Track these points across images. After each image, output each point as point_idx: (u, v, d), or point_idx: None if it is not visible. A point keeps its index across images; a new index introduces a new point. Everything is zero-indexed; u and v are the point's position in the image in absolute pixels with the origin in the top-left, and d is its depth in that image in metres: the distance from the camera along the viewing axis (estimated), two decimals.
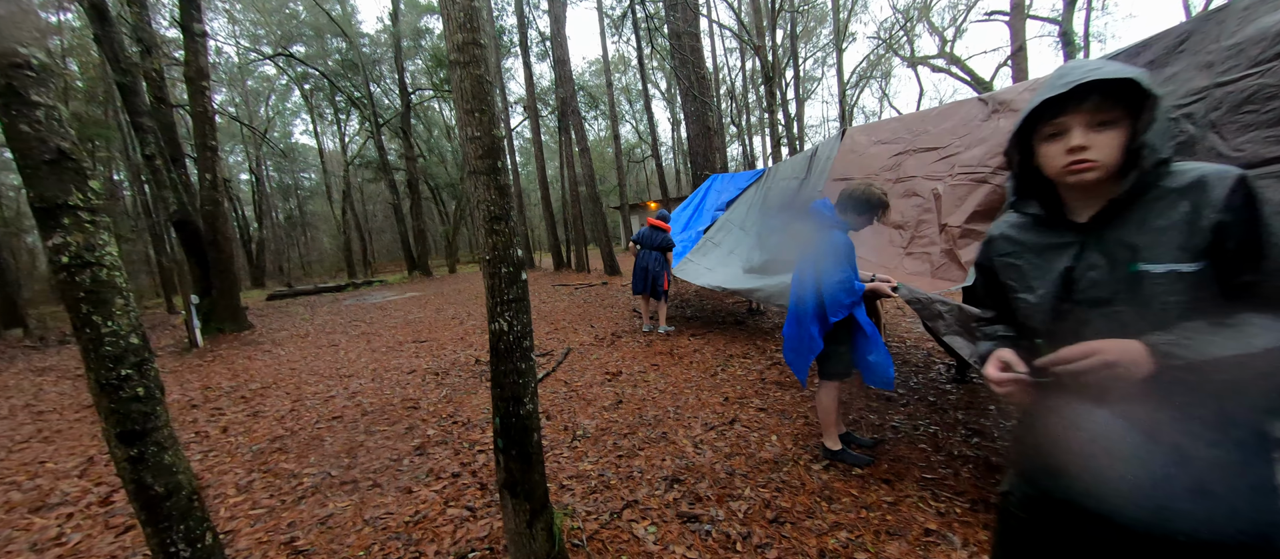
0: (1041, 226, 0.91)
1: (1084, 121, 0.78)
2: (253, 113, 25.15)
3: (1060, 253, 0.87)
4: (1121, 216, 0.81)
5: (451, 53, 1.50)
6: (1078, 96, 0.76)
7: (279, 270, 28.20)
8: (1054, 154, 0.81)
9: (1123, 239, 0.80)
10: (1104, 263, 0.81)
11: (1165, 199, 0.77)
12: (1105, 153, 0.77)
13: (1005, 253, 0.96)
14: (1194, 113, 1.89)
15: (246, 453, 3.10)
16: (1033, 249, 0.91)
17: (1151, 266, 0.76)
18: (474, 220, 1.56)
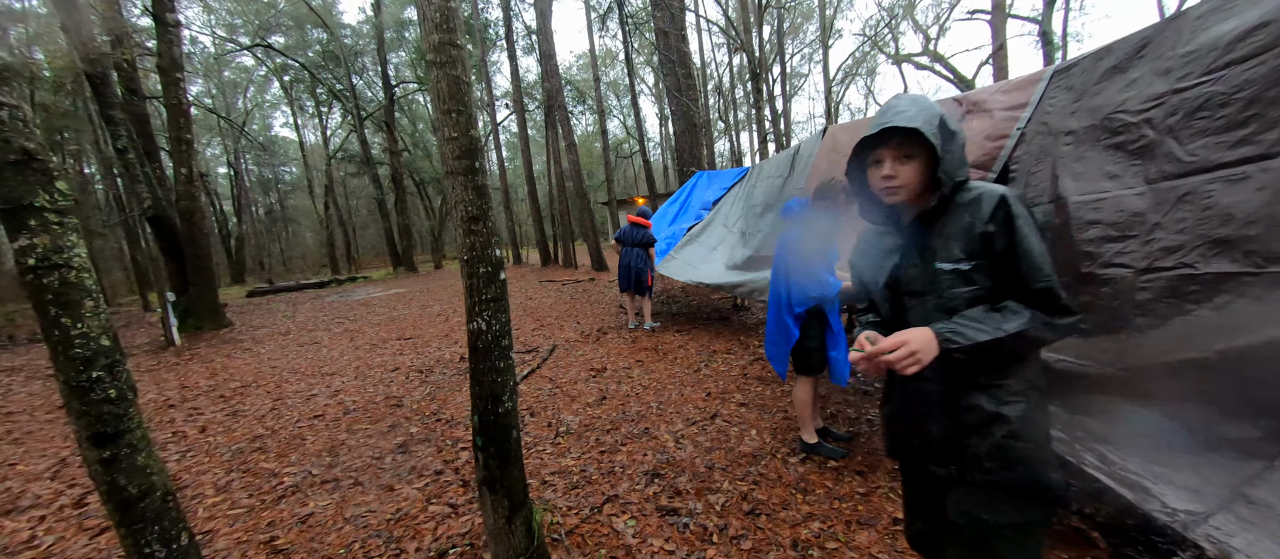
0: (884, 231, 1.15)
1: (892, 155, 1.01)
2: (230, 105, 24.52)
3: (892, 253, 1.11)
4: (930, 225, 1.04)
5: (429, 53, 1.51)
6: (886, 136, 0.99)
7: (259, 266, 27.63)
8: (873, 178, 1.05)
9: (928, 243, 1.03)
10: (918, 261, 1.05)
11: (956, 211, 1.00)
12: (908, 179, 1.00)
13: (863, 253, 1.21)
14: (1153, 118, 1.96)
15: (225, 453, 3.07)
16: (878, 250, 1.15)
17: (944, 264, 1.00)
18: (453, 219, 1.58)
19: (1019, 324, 0.90)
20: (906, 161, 0.99)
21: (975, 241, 0.96)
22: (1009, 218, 0.94)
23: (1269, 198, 1.56)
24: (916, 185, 1.01)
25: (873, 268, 1.15)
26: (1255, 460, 1.32)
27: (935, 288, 1.01)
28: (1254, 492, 1.28)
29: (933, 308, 1.02)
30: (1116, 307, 1.88)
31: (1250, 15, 1.75)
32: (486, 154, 27.14)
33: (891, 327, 1.10)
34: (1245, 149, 1.65)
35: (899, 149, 0.99)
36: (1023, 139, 2.58)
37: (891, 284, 1.10)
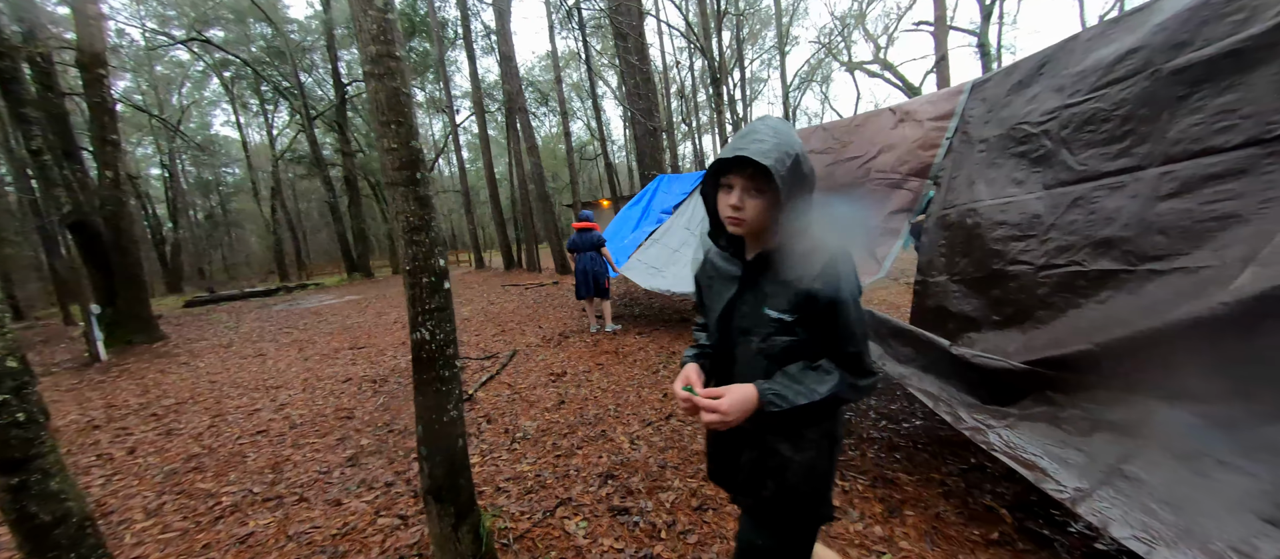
0: (728, 258, 1.10)
1: (743, 183, 0.95)
2: (163, 101, 22.90)
3: (731, 284, 1.07)
4: (765, 267, 1.01)
5: (366, 64, 1.50)
6: (742, 162, 0.92)
7: (199, 274, 25.93)
8: (722, 204, 0.99)
9: (762, 285, 1.01)
10: (752, 300, 1.02)
11: (791, 260, 0.98)
12: (753, 214, 0.95)
13: (707, 275, 1.15)
14: (1050, 129, 2.18)
15: (157, 474, 2.90)
16: (720, 277, 1.11)
17: (771, 311, 0.99)
18: (394, 230, 1.58)
19: (830, 387, 0.94)
20: (757, 195, 0.94)
21: (801, 296, 0.95)
22: (835, 280, 0.95)
23: (1141, 205, 1.77)
24: (760, 223, 0.97)
25: (712, 293, 1.12)
26: (1131, 439, 1.49)
27: (761, 330, 1.00)
28: (1129, 467, 1.45)
29: (755, 350, 1.02)
30: (1021, 301, 2.07)
31: (1126, 41, 1.98)
32: (448, 155, 26.47)
33: (719, 355, 1.11)
34: (1123, 160, 1.87)
35: (752, 180, 0.94)
36: (951, 149, 2.79)
37: (725, 315, 1.07)
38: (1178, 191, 1.67)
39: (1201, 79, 1.69)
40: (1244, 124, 1.56)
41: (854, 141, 3.84)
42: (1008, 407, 1.81)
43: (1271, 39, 1.54)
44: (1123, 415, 1.56)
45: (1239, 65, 1.61)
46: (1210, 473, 1.26)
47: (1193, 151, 1.67)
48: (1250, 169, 1.53)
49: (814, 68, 26.20)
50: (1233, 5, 1.66)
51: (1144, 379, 1.53)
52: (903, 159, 3.14)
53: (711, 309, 1.11)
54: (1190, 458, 1.31)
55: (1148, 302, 1.66)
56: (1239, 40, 1.61)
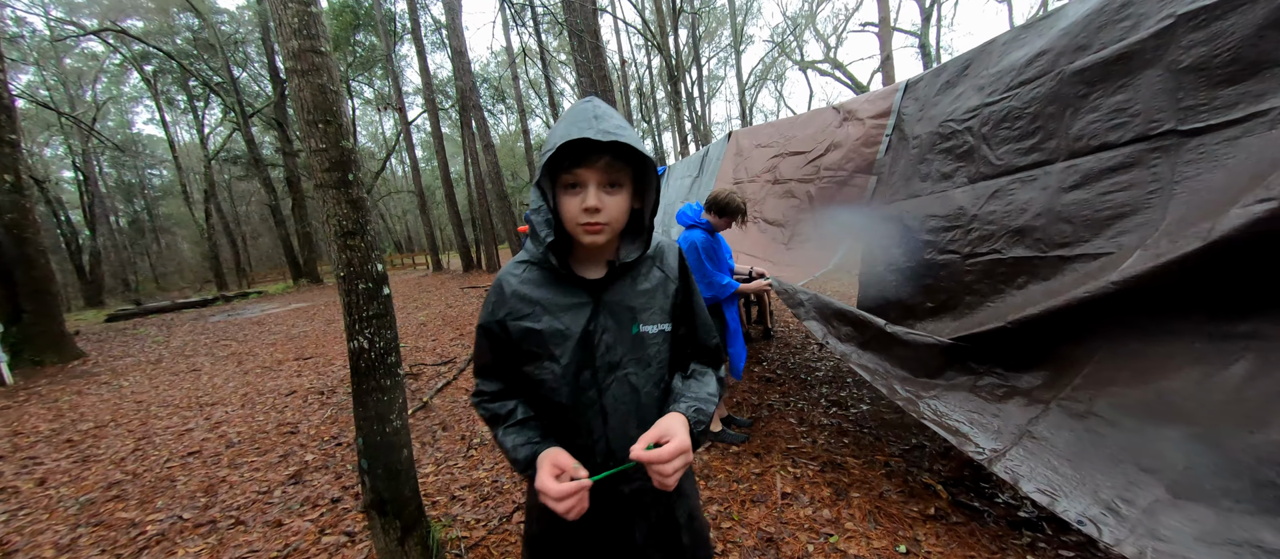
0: (557, 283, 0.82)
1: (598, 179, 0.74)
2: (75, 97, 20.87)
3: (577, 314, 0.81)
4: (622, 277, 0.83)
5: (288, 60, 1.43)
6: (599, 150, 0.72)
7: (124, 285, 23.86)
8: (572, 208, 0.75)
9: (624, 301, 0.82)
10: (614, 325, 0.81)
11: (646, 262, 0.85)
12: (614, 215, 0.76)
13: (522, 315, 0.81)
14: (972, 127, 2.33)
15: (71, 506, 2.65)
16: (551, 309, 0.81)
17: (648, 327, 0.82)
18: (326, 235, 1.51)
19: (714, 387, 0.85)
20: (613, 191, 0.75)
21: (670, 298, 0.84)
22: (686, 271, 0.87)
23: (1050, 196, 1.92)
24: (621, 225, 0.79)
25: (541, 336, 0.80)
26: (1037, 404, 1.63)
27: (640, 356, 0.81)
28: (1036, 429, 1.58)
29: (639, 381, 0.81)
30: (951, 288, 2.21)
31: (1036, 44, 2.13)
32: (400, 154, 25.42)
33: (567, 414, 0.81)
34: (1034, 155, 2.02)
35: (608, 172, 0.74)
36: (890, 145, 2.93)
37: (580, 356, 0.80)
38: (1080, 183, 1.83)
39: (1098, 80, 1.85)
40: (1133, 122, 1.72)
41: (800, 137, 3.97)
42: (935, 378, 1.93)
43: (1155, 42, 1.70)
44: (1029, 382, 1.71)
45: (1129, 67, 1.77)
46: (1098, 430, 1.39)
47: (1092, 147, 1.82)
48: (1139, 162, 1.68)
49: (768, 66, 26.87)
50: (1124, 12, 1.82)
51: (1047, 351, 1.68)
52: (848, 156, 3.27)
53: (548, 356, 0.80)
54: (1083, 418, 1.45)
55: (1056, 285, 1.81)
56: (1128, 44, 1.76)
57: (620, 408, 0.81)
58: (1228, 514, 1.11)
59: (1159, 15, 1.68)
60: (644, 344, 0.82)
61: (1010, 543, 1.71)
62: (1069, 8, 2.04)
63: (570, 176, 0.74)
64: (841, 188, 3.29)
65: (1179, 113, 1.61)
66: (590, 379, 0.81)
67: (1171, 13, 1.64)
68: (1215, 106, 1.52)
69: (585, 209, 0.74)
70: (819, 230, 3.30)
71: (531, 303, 0.82)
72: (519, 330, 0.82)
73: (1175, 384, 1.33)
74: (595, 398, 0.81)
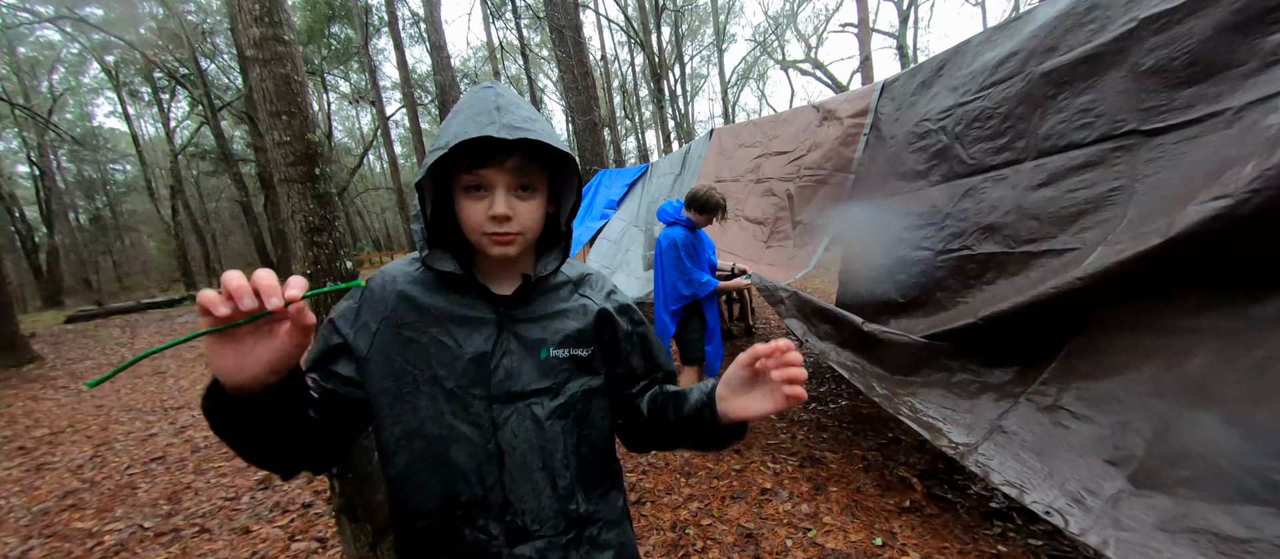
0: (453, 293, 0.68)
1: (507, 182, 0.63)
2: (29, 89, 19.85)
3: (474, 332, 0.67)
4: (532, 296, 0.71)
5: (249, 48, 1.37)
6: (506, 148, 0.61)
7: (85, 285, 22.84)
8: (477, 214, 0.63)
9: (537, 321, 0.70)
10: (519, 348, 0.68)
11: (566, 284, 0.75)
12: (528, 223, 0.65)
13: (403, 323, 0.66)
14: (946, 126, 2.37)
15: (23, 517, 2.52)
16: (442, 321, 0.66)
17: (558, 351, 0.69)
18: (290, 231, 1.45)
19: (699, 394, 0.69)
20: (526, 196, 0.65)
21: (591, 323, 0.72)
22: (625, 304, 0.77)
23: (1019, 194, 1.96)
24: (536, 234, 0.68)
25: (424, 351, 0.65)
26: (1008, 398, 1.67)
27: (550, 384, 0.68)
28: (1006, 423, 1.61)
29: (545, 414, 0.67)
30: (924, 284, 2.25)
31: (1007, 45, 2.18)
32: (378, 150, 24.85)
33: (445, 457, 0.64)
34: (1005, 154, 2.06)
35: (519, 174, 0.63)
36: (868, 144, 2.97)
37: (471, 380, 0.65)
38: (1047, 182, 1.87)
39: (1065, 81, 1.89)
40: (1098, 122, 1.77)
41: (781, 136, 4.00)
42: (911, 376, 1.96)
43: (1119, 45, 1.74)
44: (1000, 378, 1.75)
45: (1094, 69, 1.82)
46: (1065, 424, 1.43)
47: (1059, 146, 1.87)
48: (1103, 161, 1.73)
49: (750, 65, 27.07)
50: (1090, 14, 1.86)
51: (1015, 346, 1.72)
52: (827, 155, 3.30)
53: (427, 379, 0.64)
54: (1050, 411, 1.48)
55: (1022, 280, 1.85)
56: (1094, 47, 1.81)
57: (520, 447, 0.65)
58: (1186, 503, 1.15)
59: (1123, 18, 1.73)
60: (553, 371, 0.68)
61: (982, 533, 1.75)
62: (1039, 10, 2.09)
63: (472, 177, 0.62)
64: (821, 187, 3.32)
65: (1141, 113, 1.66)
66: (484, 412, 0.65)
67: (1135, 16, 1.69)
68: (1174, 107, 1.57)
69: (492, 217, 0.62)
70: (799, 229, 3.33)
71: (420, 310, 0.66)
72: (398, 340, 0.65)
73: (1136, 377, 1.37)
74: (489, 434, 0.65)
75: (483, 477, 0.65)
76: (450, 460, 0.64)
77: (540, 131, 0.61)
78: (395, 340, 0.65)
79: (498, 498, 0.65)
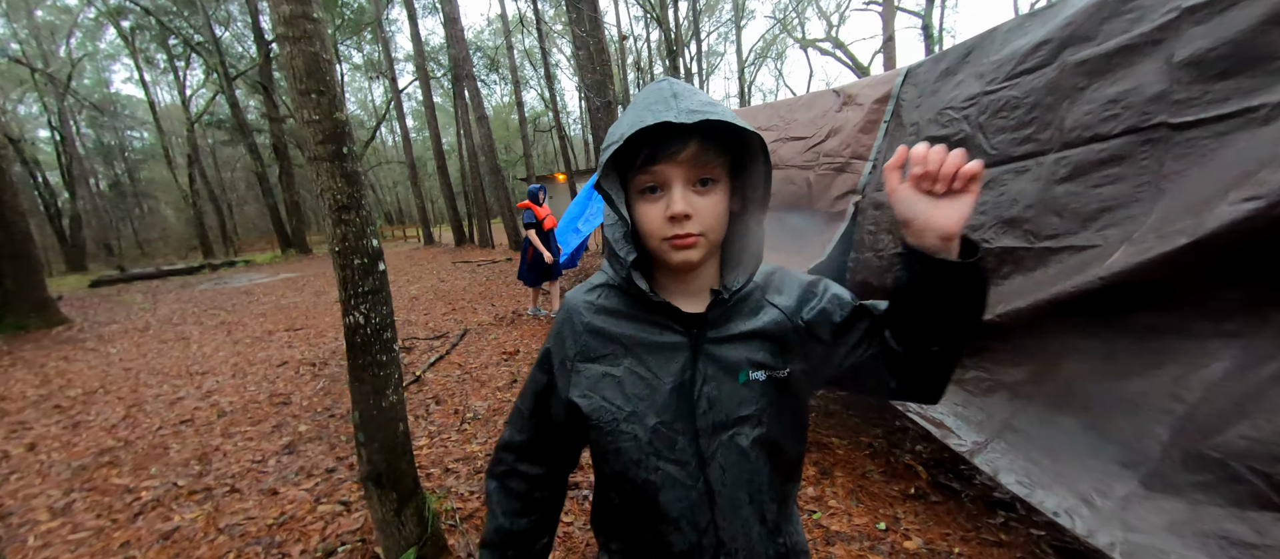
0: (641, 316, 0.63)
1: (684, 176, 0.56)
2: (47, 53, 20.02)
3: (669, 358, 0.62)
4: (727, 312, 0.63)
5: (278, 26, 1.38)
6: (682, 135, 0.54)
7: (106, 251, 23.40)
8: (653, 218, 0.57)
9: (726, 339, 0.62)
10: (718, 373, 0.61)
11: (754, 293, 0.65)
12: (710, 221, 0.57)
13: (598, 355, 0.63)
14: (970, 115, 2.32)
15: (63, 471, 2.67)
16: (634, 350, 0.62)
17: (757, 374, 0.61)
18: (320, 208, 1.49)
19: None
20: (705, 191, 0.57)
21: (788, 334, 0.63)
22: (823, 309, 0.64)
23: (1041, 187, 1.93)
24: (720, 235, 0.60)
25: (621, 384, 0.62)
26: (1021, 398, 1.68)
27: (752, 410, 0.61)
28: (1017, 422, 1.63)
29: (748, 444, 0.61)
30: None
31: (1038, 33, 2.12)
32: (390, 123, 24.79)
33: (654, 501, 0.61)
34: (1028, 146, 2.03)
35: (697, 165, 0.56)
36: (887, 132, 2.92)
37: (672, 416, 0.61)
38: (1071, 176, 1.84)
39: (1097, 71, 1.85)
40: (1125, 114, 1.73)
41: (800, 121, 3.94)
42: None
43: (1157, 36, 1.69)
44: (1014, 377, 1.76)
45: (1128, 59, 1.77)
46: (1079, 425, 1.45)
47: (1084, 139, 1.83)
48: (1129, 156, 1.70)
49: (769, 43, 26.38)
50: (1129, 4, 1.81)
51: (1032, 345, 1.72)
52: (846, 142, 3.26)
53: (627, 416, 0.61)
54: (1063, 412, 1.50)
55: (1041, 277, 1.84)
56: (1131, 37, 1.76)
57: (730, 483, 0.61)
58: (1198, 507, 1.17)
59: (1165, 7, 1.67)
60: (753, 395, 0.61)
61: (985, 522, 1.79)
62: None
63: (647, 177, 0.57)
64: (839, 174, 3.28)
65: (1171, 106, 1.62)
66: (689, 448, 0.60)
67: (1177, 6, 1.63)
68: (1207, 101, 1.53)
69: (670, 217, 0.55)
70: (814, 217, 3.31)
71: (611, 340, 0.63)
72: (593, 377, 0.63)
73: (1154, 381, 1.38)
74: (697, 473, 0.60)
75: (695, 521, 0.61)
76: (660, 509, 0.61)
77: (718, 113, 0.53)
78: (591, 376, 0.63)
79: (711, 541, 0.61)
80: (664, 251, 0.58)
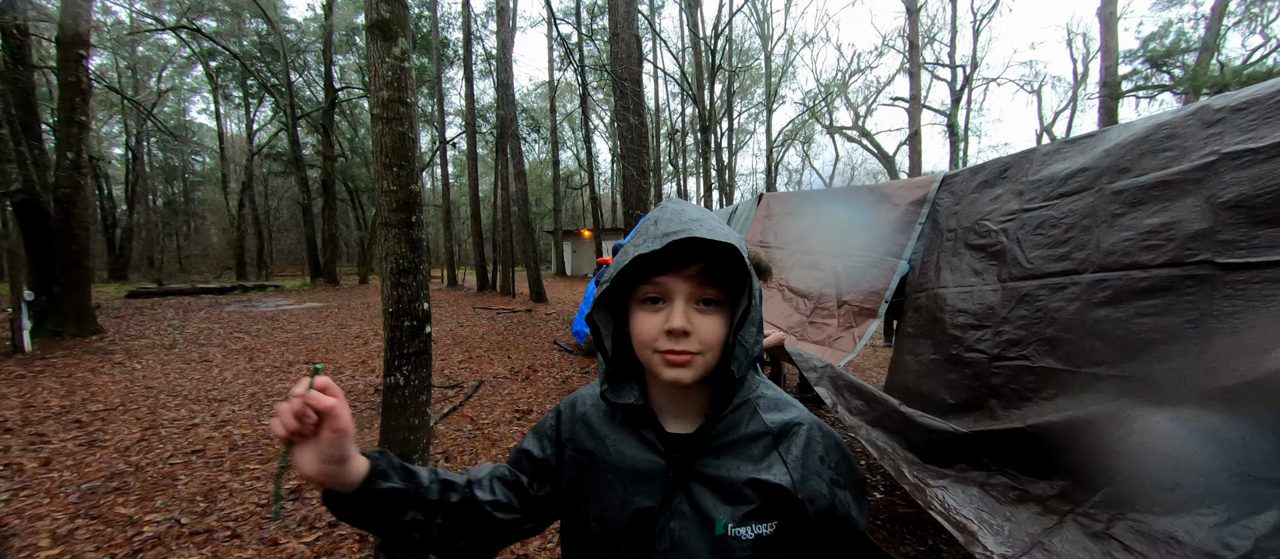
0: (629, 425, 0.62)
1: (688, 292, 0.55)
2: (140, 82, 22.17)
3: (643, 480, 0.59)
4: (704, 448, 0.59)
5: (375, 107, 1.53)
6: (687, 253, 0.54)
7: (149, 263, 24.49)
8: (650, 328, 0.56)
9: (712, 478, 0.58)
10: (691, 513, 0.57)
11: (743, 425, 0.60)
12: (708, 340, 0.55)
13: (583, 448, 0.64)
14: (1008, 229, 2.36)
15: (72, 493, 2.66)
16: (613, 457, 0.61)
17: (740, 530, 0.55)
18: (382, 270, 1.56)
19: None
20: (709, 310, 0.56)
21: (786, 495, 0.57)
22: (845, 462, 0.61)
23: (1080, 308, 1.92)
24: (715, 359, 0.57)
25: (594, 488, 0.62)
26: (1052, 515, 1.58)
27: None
28: (1050, 542, 1.52)
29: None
30: (976, 388, 2.19)
31: (1078, 160, 2.19)
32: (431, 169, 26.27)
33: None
34: (1064, 263, 2.04)
35: (701, 284, 0.56)
36: (923, 234, 2.98)
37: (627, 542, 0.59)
38: (1110, 300, 1.83)
39: (1137, 201, 1.88)
40: (1167, 246, 1.74)
41: (831, 211, 4.05)
42: (945, 468, 1.89)
43: (1197, 175, 1.73)
44: (1045, 490, 1.66)
45: (1168, 194, 1.81)
46: (1116, 555, 1.34)
47: (1123, 263, 1.84)
48: (1173, 288, 1.69)
49: (798, 127, 27.58)
50: (1167, 142, 1.87)
51: (1066, 461, 1.64)
52: (879, 238, 3.32)
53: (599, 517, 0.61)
54: (1101, 538, 1.40)
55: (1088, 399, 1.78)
56: (1170, 173, 1.81)
57: None
58: None
59: (1203, 150, 1.72)
60: (728, 553, 0.55)
61: None
62: (1112, 131, 2.10)
63: (650, 288, 0.56)
64: (871, 269, 3.32)
65: (1217, 245, 1.62)
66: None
67: (1215, 150, 1.68)
68: (1256, 245, 1.53)
69: (669, 331, 0.53)
70: (844, 309, 3.31)
71: (596, 437, 0.63)
72: (573, 462, 0.64)
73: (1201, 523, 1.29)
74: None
75: None
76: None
77: (697, 231, 0.52)
78: (574, 465, 0.64)
79: None
80: (655, 364, 0.56)
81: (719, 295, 0.57)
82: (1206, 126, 1.73)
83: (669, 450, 0.59)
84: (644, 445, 0.60)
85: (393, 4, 1.48)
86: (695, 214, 0.57)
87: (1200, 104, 1.78)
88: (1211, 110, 1.74)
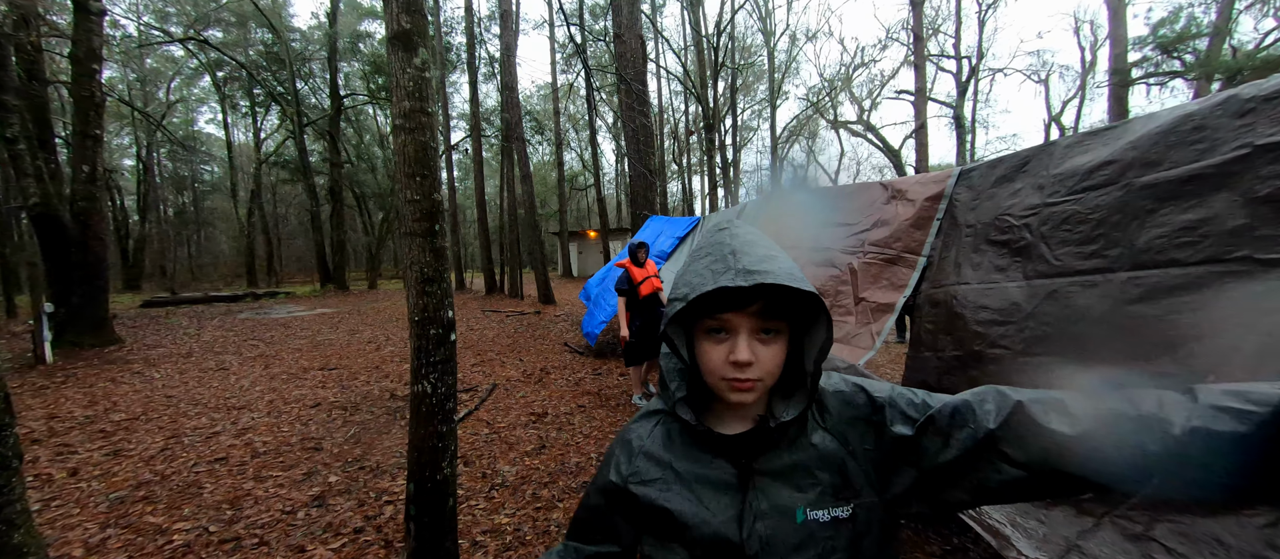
0: (693, 447, 0.66)
1: (749, 326, 0.60)
2: (149, 94, 22.43)
3: (720, 493, 0.62)
4: (775, 447, 0.63)
5: (397, 117, 1.54)
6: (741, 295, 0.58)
7: (161, 273, 24.79)
8: (716, 358, 0.61)
9: (783, 473, 0.62)
10: (771, 510, 0.60)
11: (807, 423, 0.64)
12: (770, 368, 0.60)
13: (649, 479, 0.66)
14: (1031, 224, 2.33)
15: (101, 503, 2.70)
16: (687, 479, 0.64)
17: (816, 513, 0.59)
18: (406, 279, 1.57)
19: None
20: (768, 341, 0.61)
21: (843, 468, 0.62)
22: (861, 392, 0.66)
23: (1112, 305, 1.89)
24: (775, 378, 0.62)
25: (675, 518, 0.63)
26: (1088, 517, 1.56)
27: (813, 555, 0.59)
28: (1086, 545, 1.50)
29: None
30: (1002, 384, 2.16)
31: (1101, 152, 2.16)
32: None
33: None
34: (1094, 261, 2.01)
35: (763, 317, 0.60)
36: (941, 230, 2.94)
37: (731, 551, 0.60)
38: (1145, 297, 1.80)
39: (1168, 196, 1.85)
40: (1203, 242, 1.71)
41: (845, 208, 4.01)
42: None
43: (1230, 169, 1.70)
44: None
45: (1200, 188, 1.77)
46: (1156, 557, 1.32)
47: (1159, 261, 1.81)
48: (1211, 284, 1.66)
49: (802, 123, 27.43)
50: (1197, 134, 1.83)
51: None
52: (896, 235, 3.29)
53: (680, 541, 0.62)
54: (1140, 541, 1.38)
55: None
56: (1201, 166, 1.77)
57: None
58: None
59: (1234, 143, 1.69)
60: (814, 540, 0.58)
61: None
62: (1136, 123, 2.07)
63: (713, 321, 0.61)
64: (889, 266, 3.28)
65: (1255, 241, 1.59)
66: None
67: (1248, 142, 1.65)
68: None
69: (733, 362, 0.59)
70: (861, 306, 3.29)
71: (661, 465, 0.65)
72: (645, 498, 0.64)
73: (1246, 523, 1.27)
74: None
75: None
76: None
77: (778, 273, 0.57)
78: (643, 500, 0.65)
79: None
80: (722, 389, 0.61)
81: (778, 326, 0.61)
82: (1237, 117, 1.70)
83: (736, 457, 0.64)
84: (712, 458, 0.64)
85: (414, 15, 1.49)
86: (768, 249, 0.61)
87: (1228, 94, 1.74)
88: (1241, 100, 1.70)
